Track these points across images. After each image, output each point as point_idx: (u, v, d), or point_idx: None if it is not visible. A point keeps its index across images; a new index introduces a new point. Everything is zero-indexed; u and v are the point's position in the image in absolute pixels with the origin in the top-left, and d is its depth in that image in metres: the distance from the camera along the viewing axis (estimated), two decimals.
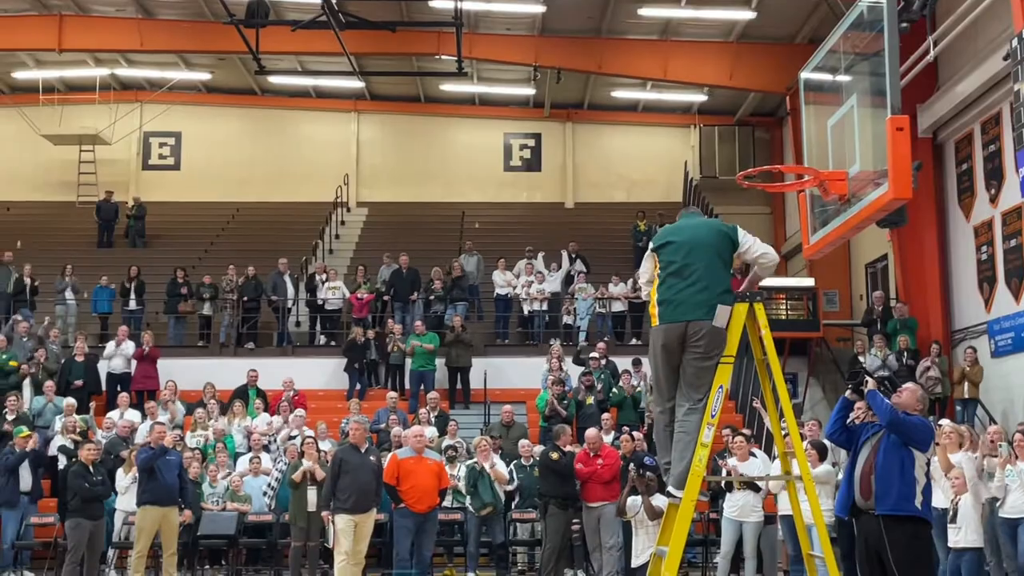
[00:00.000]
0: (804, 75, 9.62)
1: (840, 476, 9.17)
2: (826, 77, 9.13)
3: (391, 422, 15.79)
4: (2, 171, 26.51)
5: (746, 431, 13.24)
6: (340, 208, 25.99)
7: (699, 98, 25.85)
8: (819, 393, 20.26)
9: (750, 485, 11.33)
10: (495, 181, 27.65)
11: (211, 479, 14.16)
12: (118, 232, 24.91)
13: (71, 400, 16.21)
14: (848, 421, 7.31)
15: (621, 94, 26.25)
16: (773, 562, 11.90)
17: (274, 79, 25.51)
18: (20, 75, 25.99)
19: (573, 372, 17.54)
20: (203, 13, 22.13)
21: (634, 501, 10.92)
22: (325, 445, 14.12)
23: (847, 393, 7.19)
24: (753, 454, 12.07)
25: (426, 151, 27.52)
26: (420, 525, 11.98)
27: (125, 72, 26.07)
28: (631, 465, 11.30)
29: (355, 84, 25.51)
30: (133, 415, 16.21)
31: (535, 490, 13.13)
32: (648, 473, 10.60)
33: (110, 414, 16.35)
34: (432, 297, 20.00)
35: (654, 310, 6.75)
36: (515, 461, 14.18)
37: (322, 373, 19.17)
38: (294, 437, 14.87)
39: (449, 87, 26.10)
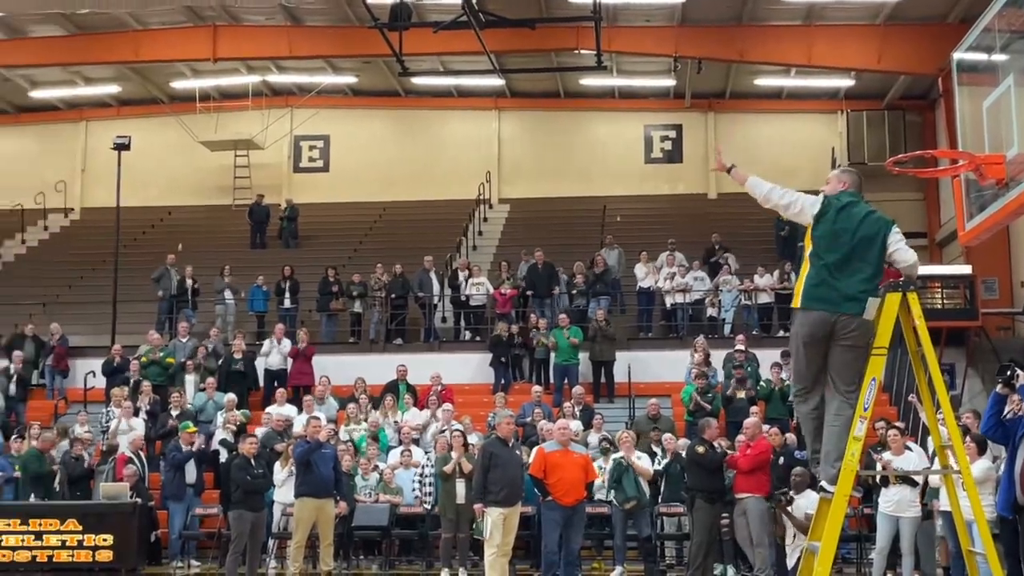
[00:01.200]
0: (957, 56, 9.31)
1: (1000, 473, 8.83)
2: (981, 57, 8.80)
3: (536, 416, 15.92)
4: (163, 177, 27.75)
5: (900, 424, 12.87)
6: (483, 205, 26.30)
7: (846, 83, 25.14)
8: (979, 385, 19.45)
9: (906, 480, 11.01)
10: (636, 174, 27.50)
11: (363, 472, 14.55)
12: (271, 233, 25.79)
13: (231, 396, 16.89)
14: (1003, 416, 7.04)
15: (764, 82, 25.76)
16: (931, 558, 11.54)
17: (417, 80, 25.97)
18: (178, 85, 27.17)
19: (717, 365, 17.35)
20: (348, 18, 22.71)
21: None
22: (472, 439, 14.35)
23: (998, 387, 6.92)
24: (909, 448, 11.72)
25: (566, 146, 27.58)
26: (568, 518, 12.03)
27: (276, 78, 26.99)
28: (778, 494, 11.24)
29: (496, 82, 25.75)
30: (289, 410, 16.76)
31: (681, 484, 13.07)
32: (797, 475, 10.45)
33: (268, 409, 16.95)
34: (574, 291, 20.05)
35: (801, 288, 6.56)
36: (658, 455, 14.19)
37: (467, 368, 19.46)
38: (443, 431, 15.15)
39: (588, 81, 26.10)
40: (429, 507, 14.31)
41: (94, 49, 24.08)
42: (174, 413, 16.48)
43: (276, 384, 18.22)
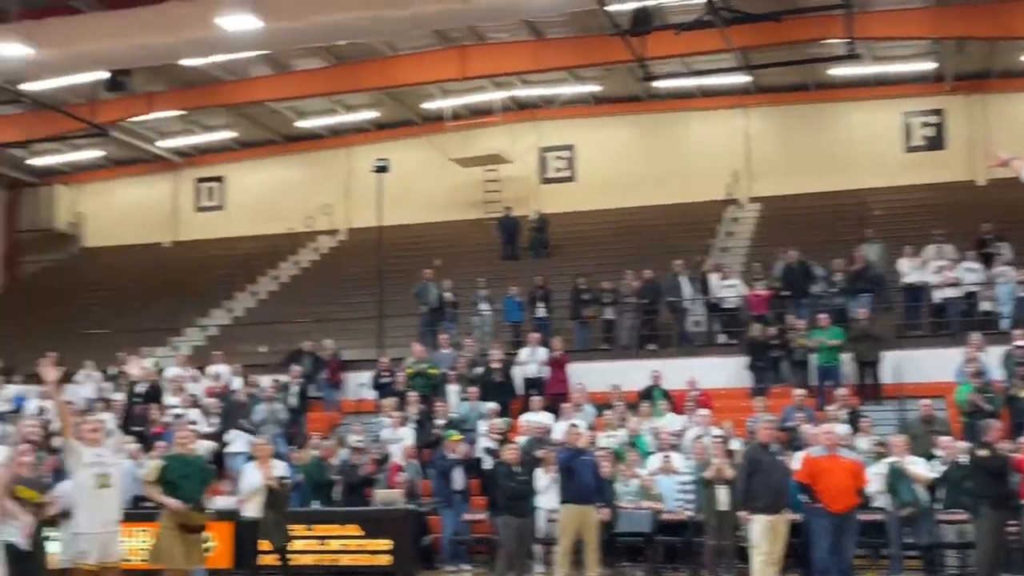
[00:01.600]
0: None
1: None
2: None
3: (798, 420, 15.44)
4: (418, 195, 28.92)
5: None
6: (732, 205, 25.83)
7: None
8: None
9: None
10: (895, 163, 26.26)
11: (624, 478, 14.58)
12: (521, 244, 26.32)
13: (493, 404, 17.33)
14: None
15: None
16: None
17: (660, 83, 25.83)
18: (428, 106, 28.26)
19: (993, 363, 16.25)
20: (589, 28, 22.87)
21: None
22: (733, 444, 14.09)
23: None
24: None
25: (818, 139, 26.70)
26: (838, 526, 11.59)
27: (521, 92, 27.59)
28: None
29: (741, 79, 25.26)
30: (545, 417, 17.00)
31: (962, 489, 12.32)
32: None
33: (524, 416, 17.28)
34: (833, 290, 19.33)
35: None
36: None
37: (723, 372, 19.11)
38: (700, 436, 14.96)
39: (839, 71, 25.15)
40: (692, 513, 14.17)
41: (352, 77, 25.40)
42: (440, 422, 17.09)
43: (535, 392, 18.53)
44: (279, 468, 12.25)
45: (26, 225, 32.58)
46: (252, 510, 12.04)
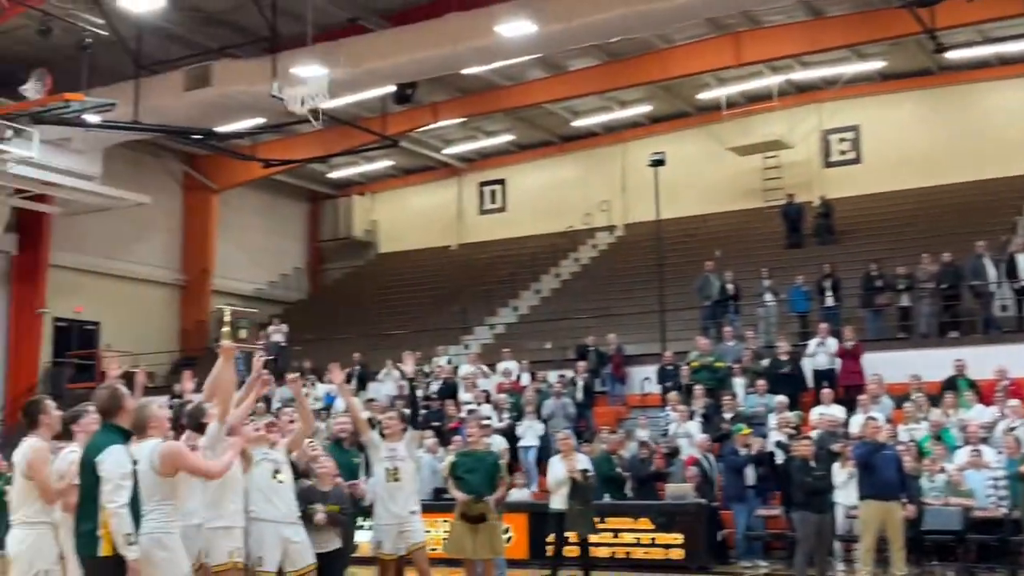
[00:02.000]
0: None
1: None
2: None
3: None
4: (696, 186, 28.63)
5: None
6: None
7: None
8: None
9: None
10: None
11: (929, 473, 13.81)
12: (805, 231, 25.50)
13: (782, 398, 16.88)
14: None
15: None
16: None
17: (951, 54, 24.25)
18: (703, 96, 27.91)
19: None
20: (872, 1, 21.84)
21: None
22: None
23: None
24: None
25: None
26: None
27: (799, 75, 26.71)
28: None
29: None
30: (836, 410, 16.40)
31: None
32: None
33: (816, 409, 16.71)
34: None
35: None
36: None
37: None
38: (1013, 428, 13.94)
39: None
40: (1007, 511, 13.22)
41: (625, 73, 25.48)
42: (727, 416, 16.85)
43: (825, 384, 17.91)
44: (582, 461, 12.47)
45: (327, 235, 34.90)
46: (558, 502, 12.35)
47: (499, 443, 16.94)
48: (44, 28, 19.17)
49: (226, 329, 7.37)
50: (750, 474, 14.98)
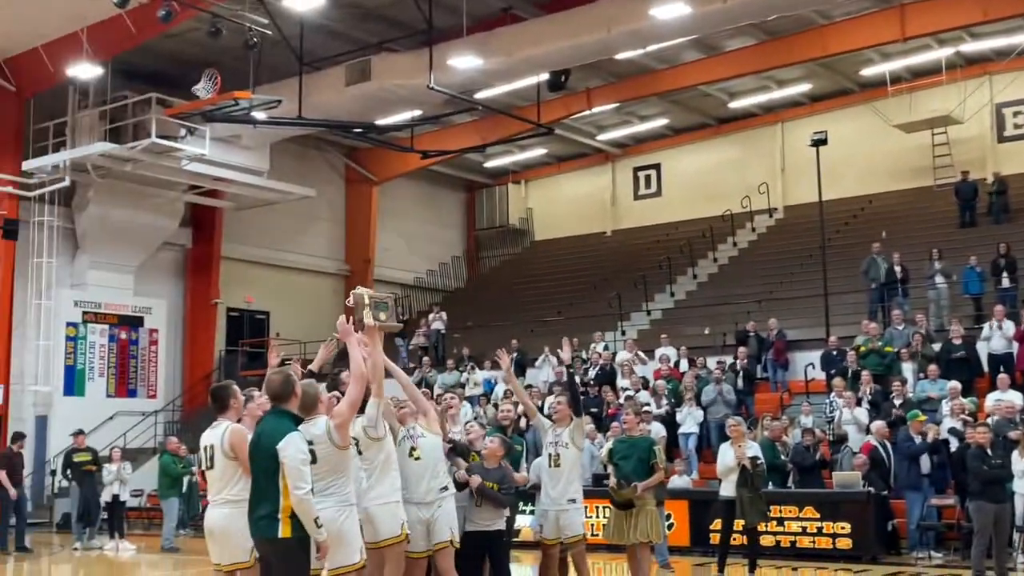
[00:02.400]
0: None
1: None
2: None
3: None
4: (860, 166, 27.77)
5: None
6: None
7: None
8: None
9: None
10: None
11: None
12: (980, 210, 24.40)
13: (955, 383, 16.21)
14: None
15: None
16: None
17: None
18: (867, 72, 27.00)
19: None
20: None
21: None
22: None
23: None
24: None
25: None
26: None
27: (970, 47, 25.54)
28: None
29: None
30: (1013, 396, 15.66)
31: None
32: None
33: (991, 395, 16.00)
34: None
35: None
36: None
37: None
38: None
39: None
40: None
41: (784, 52, 24.85)
42: (896, 402, 16.31)
43: (1001, 369, 17.12)
44: (753, 448, 12.28)
45: (483, 223, 35.34)
46: (727, 489, 12.21)
47: (658, 430, 16.89)
48: (214, 29, 19.98)
49: (368, 309, 7.41)
50: (924, 462, 14.45)
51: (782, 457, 15.45)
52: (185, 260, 28.29)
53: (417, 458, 7.93)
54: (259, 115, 21.55)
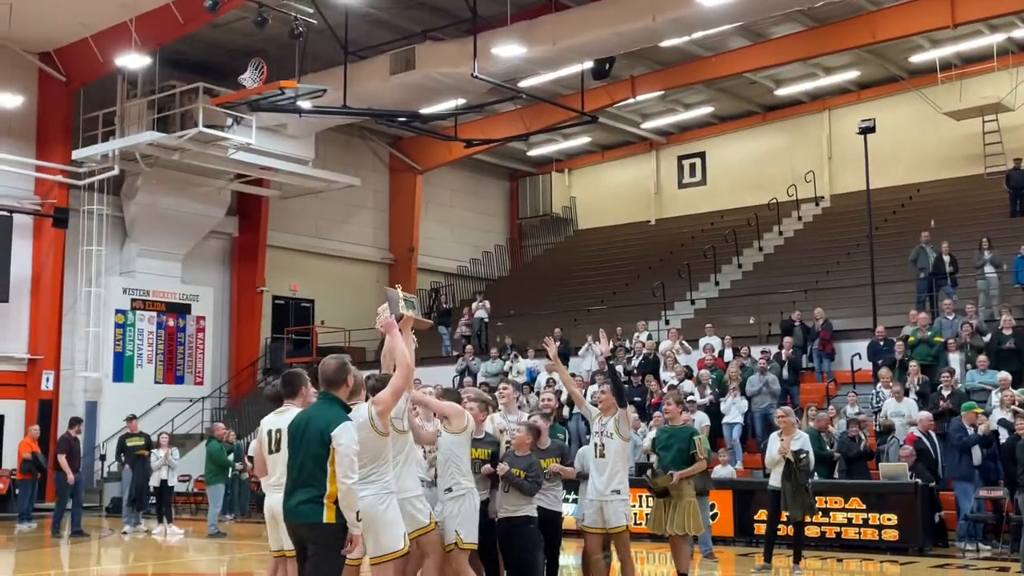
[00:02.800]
0: None
1: None
2: None
3: None
4: (909, 154, 27.42)
5: None
6: None
7: None
8: None
9: None
10: None
11: None
12: None
13: (1005, 374, 15.99)
14: None
15: None
16: None
17: None
18: (916, 58, 26.63)
19: None
20: None
21: None
22: None
23: None
24: None
25: None
26: None
27: (1021, 33, 25.12)
28: None
29: None
30: None
31: None
32: None
33: None
34: None
35: None
36: None
37: None
38: None
39: None
40: None
41: (831, 38, 24.57)
42: (945, 393, 16.10)
43: None
44: (801, 439, 12.15)
45: (527, 212, 35.33)
46: (774, 480, 12.14)
47: (702, 419, 16.83)
48: (260, 19, 20.12)
49: (403, 302, 7.48)
50: (975, 454, 14.26)
51: (828, 448, 15.35)
52: (231, 248, 28.57)
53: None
54: (304, 104, 21.67)
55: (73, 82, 24.11)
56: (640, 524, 13.10)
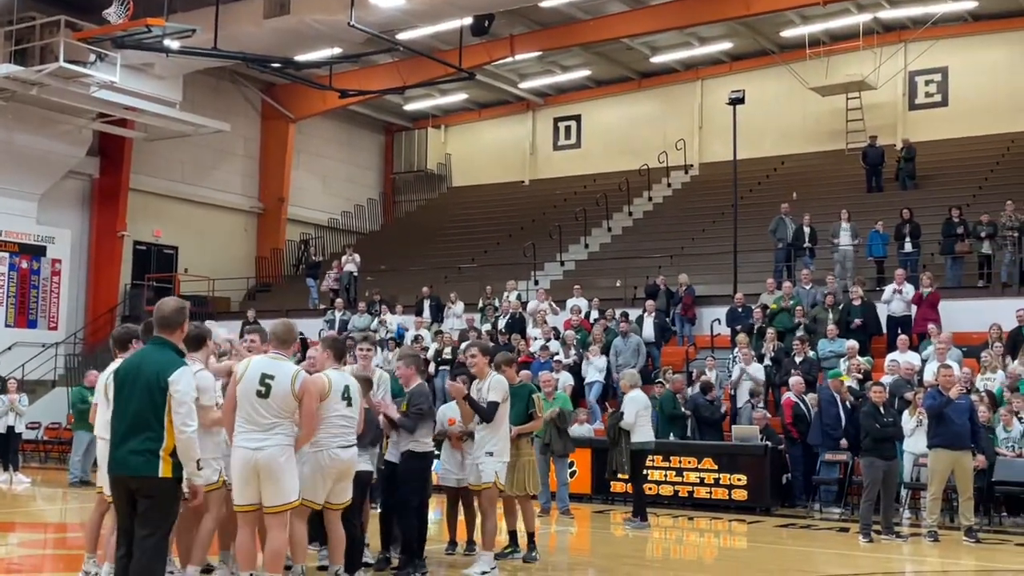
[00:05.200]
0: None
1: None
2: None
3: None
4: (775, 127, 28.14)
5: None
6: None
7: None
8: None
9: None
10: None
11: (1004, 424, 13.59)
12: (887, 175, 24.95)
13: (852, 342, 16.66)
14: None
15: None
16: None
17: None
18: (787, 33, 27.28)
19: None
20: None
21: None
22: None
23: None
24: None
25: None
26: None
27: (887, 14, 25.98)
28: None
29: None
30: (913, 357, 16.16)
31: None
32: None
33: (891, 356, 16.47)
34: None
35: None
36: None
37: None
38: None
39: None
40: None
41: (707, 9, 24.92)
42: (797, 359, 16.69)
43: (899, 331, 17.63)
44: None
45: (401, 167, 34.99)
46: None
47: (566, 379, 17.08)
48: None
49: None
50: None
51: (682, 409, 15.78)
52: (92, 190, 27.51)
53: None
54: (172, 44, 20.94)
55: None
56: None
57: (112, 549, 6.55)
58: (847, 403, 14.68)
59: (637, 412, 12.67)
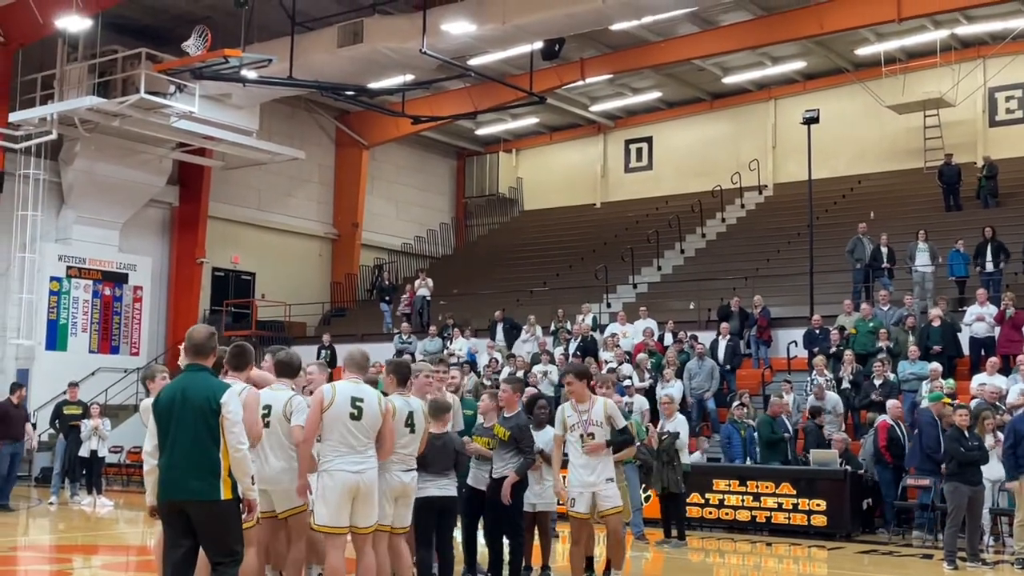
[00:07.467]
0: None
1: None
2: None
3: None
4: (851, 146, 27.76)
5: None
6: None
7: None
8: None
9: None
10: None
11: None
12: (966, 193, 24.42)
13: (935, 365, 16.28)
14: None
15: None
16: None
17: None
18: (862, 51, 26.93)
19: None
20: None
21: None
22: None
23: None
24: None
25: None
26: None
27: (964, 30, 25.52)
28: None
29: None
30: (999, 380, 15.74)
31: None
32: None
33: (976, 378, 16.07)
34: None
35: None
36: None
37: None
38: None
39: None
40: None
41: (780, 28, 24.75)
42: (877, 382, 16.37)
43: (983, 352, 17.20)
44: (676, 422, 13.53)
45: (473, 191, 35.21)
46: None
47: (640, 403, 16.93)
48: None
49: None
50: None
51: (785, 434, 15.45)
52: (171, 218, 28.12)
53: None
54: (249, 74, 21.36)
55: (11, 43, 23.52)
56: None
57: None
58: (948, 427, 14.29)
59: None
